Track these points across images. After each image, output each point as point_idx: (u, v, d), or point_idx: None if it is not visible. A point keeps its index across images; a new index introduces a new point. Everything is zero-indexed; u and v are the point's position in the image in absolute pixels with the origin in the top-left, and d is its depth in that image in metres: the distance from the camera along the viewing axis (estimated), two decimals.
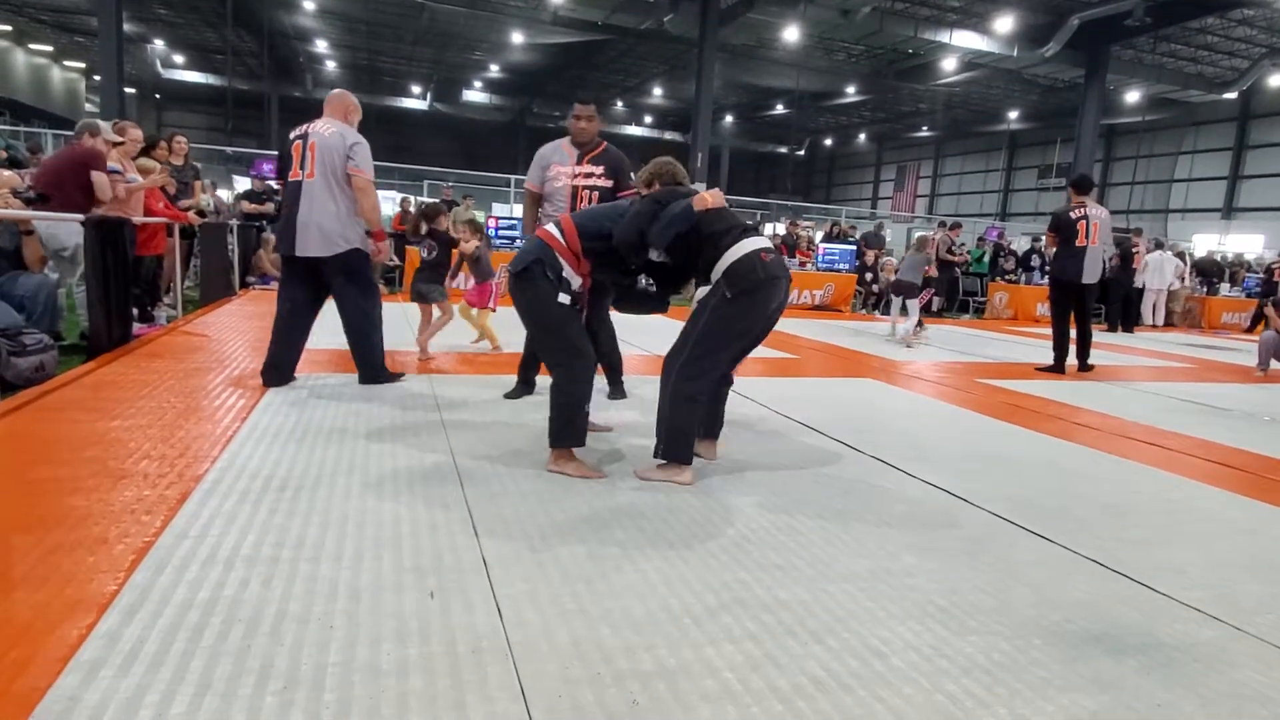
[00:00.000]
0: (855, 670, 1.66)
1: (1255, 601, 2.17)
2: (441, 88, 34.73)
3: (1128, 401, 5.45)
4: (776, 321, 2.95)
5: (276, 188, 11.48)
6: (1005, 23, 19.93)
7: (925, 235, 9.20)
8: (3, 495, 2.34)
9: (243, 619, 1.69)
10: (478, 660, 1.60)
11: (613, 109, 37.24)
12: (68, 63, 30.69)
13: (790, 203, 24.29)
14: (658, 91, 32.99)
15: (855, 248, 13.62)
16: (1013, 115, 31.47)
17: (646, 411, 2.89)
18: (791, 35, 20.77)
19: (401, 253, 9.99)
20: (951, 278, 12.86)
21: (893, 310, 8.48)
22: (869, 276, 12.94)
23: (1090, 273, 6.49)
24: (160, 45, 30.30)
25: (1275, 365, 7.46)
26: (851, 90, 29.10)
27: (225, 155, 17.79)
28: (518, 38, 24.57)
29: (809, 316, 11.00)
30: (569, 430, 2.86)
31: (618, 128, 37.95)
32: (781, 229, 16.89)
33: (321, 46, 29.87)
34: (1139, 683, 1.70)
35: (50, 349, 4.06)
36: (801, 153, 41.82)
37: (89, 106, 30.11)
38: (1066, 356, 6.64)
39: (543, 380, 4.32)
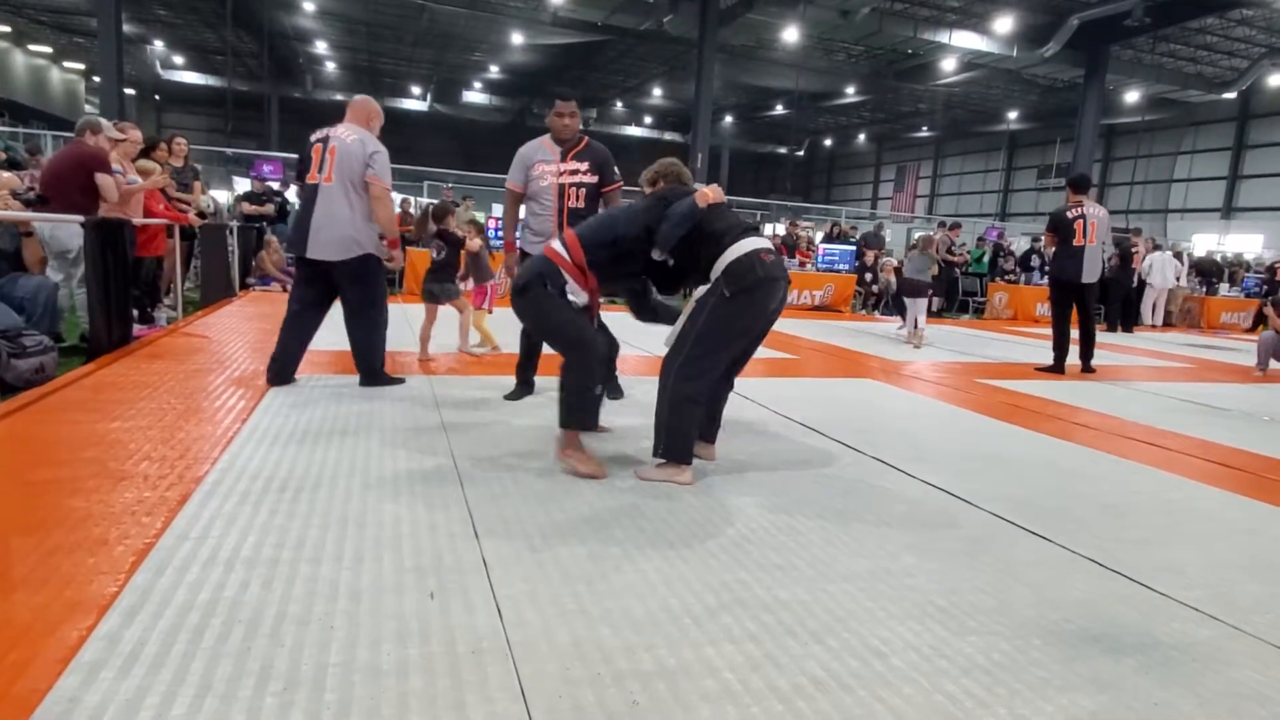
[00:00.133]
0: (855, 670, 1.67)
1: (1253, 601, 2.17)
2: (441, 89, 34.77)
3: (1127, 401, 5.45)
4: (775, 321, 2.96)
5: (276, 189, 11.51)
6: (1005, 23, 19.96)
7: (928, 235, 9.17)
8: (3, 497, 2.34)
9: (243, 620, 1.69)
10: (478, 660, 1.60)
11: (612, 110, 37.27)
12: (67, 64, 30.72)
13: (790, 203, 24.28)
14: (657, 92, 33.02)
15: (855, 248, 13.63)
16: (1012, 115, 31.50)
17: (645, 412, 2.89)
18: (791, 36, 20.79)
19: (402, 253, 9.98)
20: (951, 278, 12.87)
21: (909, 311, 8.43)
22: (869, 277, 12.95)
23: (1089, 272, 6.50)
24: (160, 46, 30.33)
25: (1275, 365, 7.47)
26: (851, 91, 29.13)
27: (225, 156, 17.77)
28: (517, 39, 24.60)
29: (809, 317, 11.00)
30: (578, 411, 2.85)
31: (617, 128, 37.97)
32: (781, 229, 16.89)
33: (321, 48, 29.90)
34: (1137, 682, 1.70)
35: (50, 350, 4.07)
36: (801, 153, 41.85)
37: (88, 108, 30.12)
38: (1066, 356, 6.64)
39: (542, 381, 4.34)
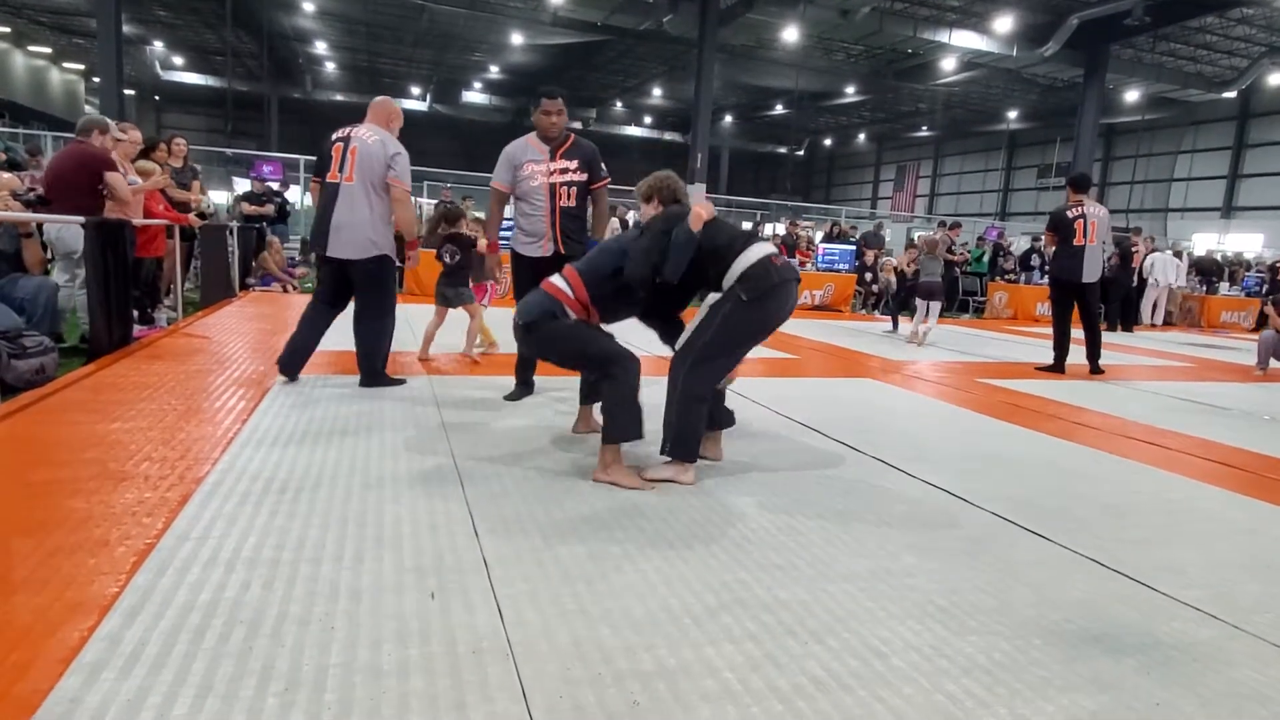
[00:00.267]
0: (855, 670, 1.67)
1: (1253, 601, 2.17)
2: (441, 89, 34.77)
3: (1127, 401, 5.46)
4: (785, 321, 2.99)
5: (276, 189, 11.51)
6: (1004, 22, 19.96)
7: (933, 238, 9.15)
8: (3, 498, 2.34)
9: (244, 621, 1.69)
10: (478, 661, 1.60)
11: (612, 110, 37.26)
12: (67, 64, 30.72)
13: (790, 203, 24.30)
14: (657, 92, 33.01)
15: (855, 248, 13.62)
16: (1012, 115, 31.50)
17: (646, 414, 2.88)
18: (791, 35, 20.79)
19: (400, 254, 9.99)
20: (951, 277, 12.86)
21: (924, 313, 8.44)
22: (869, 276, 12.95)
23: (1090, 272, 6.49)
24: (159, 47, 30.33)
25: (1275, 364, 7.47)
26: (851, 90, 29.14)
27: (225, 157, 17.77)
28: (517, 39, 24.60)
29: (809, 316, 11.00)
30: (622, 425, 2.82)
31: (617, 128, 37.96)
32: (781, 229, 16.90)
33: (321, 48, 29.91)
34: (1138, 682, 1.70)
35: (50, 351, 4.07)
36: (801, 153, 41.85)
37: (88, 108, 30.10)
38: (1066, 356, 6.64)
39: (542, 381, 4.33)
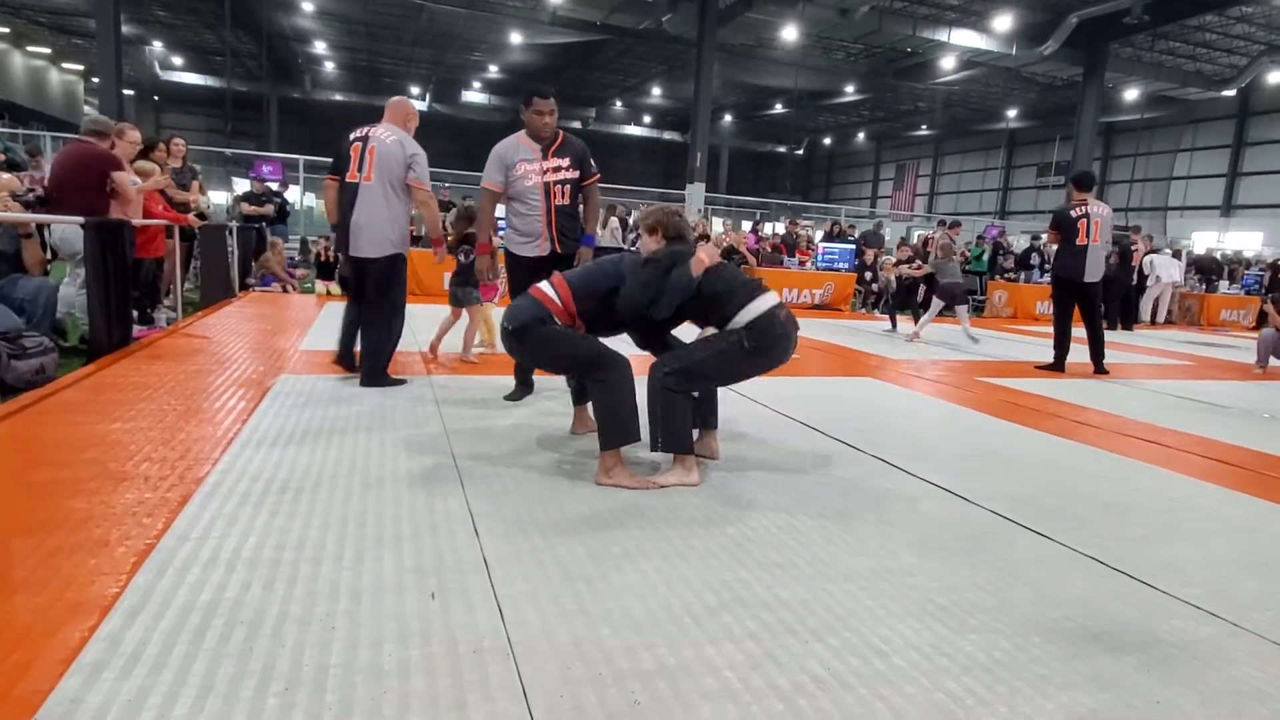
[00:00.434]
0: (856, 669, 1.67)
1: (1253, 598, 2.17)
2: (440, 88, 34.78)
3: (1127, 399, 5.46)
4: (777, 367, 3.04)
5: (275, 189, 11.50)
6: (1004, 21, 19.97)
7: (950, 244, 9.16)
8: (3, 498, 2.34)
9: (244, 621, 1.69)
10: (479, 660, 1.60)
11: (611, 109, 37.26)
12: (66, 65, 30.71)
13: (789, 202, 24.31)
14: (656, 91, 33.01)
15: (855, 247, 13.62)
16: (1011, 113, 31.50)
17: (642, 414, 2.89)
18: (790, 34, 20.80)
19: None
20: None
21: (933, 313, 8.46)
22: (868, 276, 12.95)
23: (1092, 271, 6.48)
24: (159, 47, 30.34)
25: (1274, 362, 7.47)
26: (850, 89, 29.14)
27: (224, 157, 17.77)
28: (516, 38, 24.61)
29: (809, 316, 10.99)
30: (617, 430, 2.81)
31: (616, 127, 37.97)
32: (781, 228, 16.90)
33: (320, 48, 29.91)
34: (1138, 680, 1.70)
35: (50, 352, 4.06)
36: (800, 152, 41.86)
37: (87, 109, 30.09)
38: (1066, 355, 6.65)
39: (541, 380, 4.33)
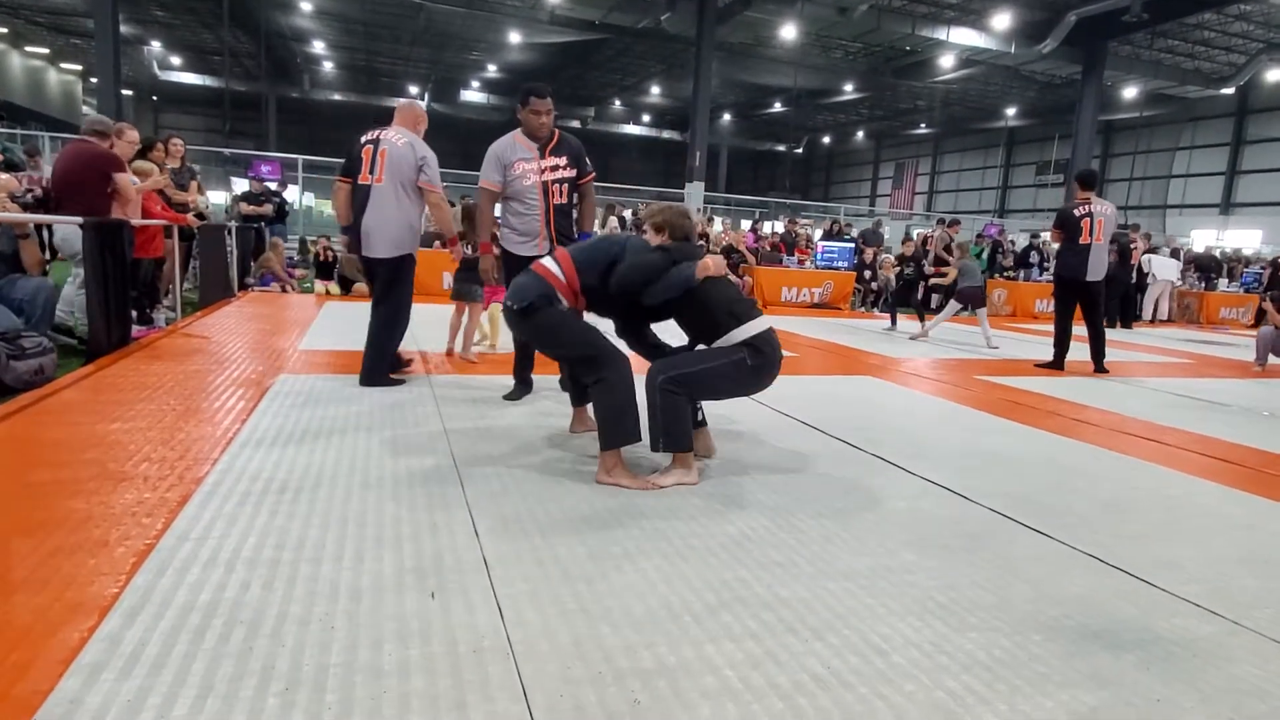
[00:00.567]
0: (856, 667, 1.67)
1: (1252, 596, 2.17)
2: (439, 88, 34.75)
3: (1127, 397, 5.46)
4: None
5: (274, 189, 11.49)
6: (1003, 19, 19.96)
7: (964, 243, 9.20)
8: (3, 498, 2.34)
9: (244, 621, 1.69)
10: (479, 660, 1.60)
11: (610, 108, 37.24)
12: (64, 65, 30.71)
13: (789, 201, 24.31)
14: (655, 90, 32.99)
15: (854, 245, 13.62)
16: (1010, 112, 31.50)
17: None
18: (789, 33, 20.79)
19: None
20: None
21: (949, 313, 8.49)
22: (867, 274, 12.95)
23: (1095, 270, 6.48)
24: (157, 47, 30.30)
25: (1274, 360, 7.47)
26: (849, 88, 29.13)
27: (223, 157, 17.76)
28: (515, 37, 24.59)
29: (808, 314, 11.00)
30: (618, 432, 2.81)
31: (615, 127, 37.94)
32: (780, 227, 16.88)
33: (319, 47, 29.89)
34: (1138, 678, 1.70)
35: (49, 352, 4.06)
36: (800, 151, 41.86)
37: (86, 109, 30.09)
38: (1066, 354, 6.65)
39: (540, 379, 4.33)
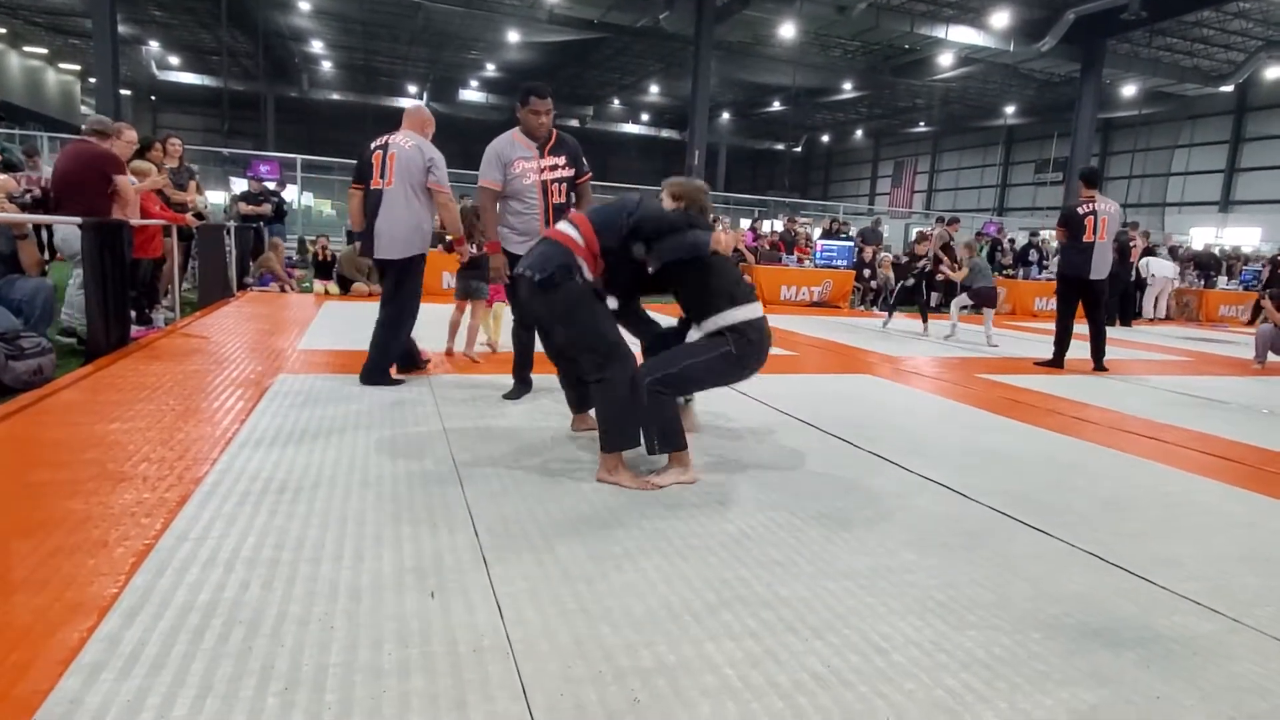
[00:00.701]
0: (856, 666, 1.67)
1: (1252, 594, 2.17)
2: (438, 87, 34.70)
3: (1126, 395, 5.46)
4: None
5: (273, 189, 11.48)
6: (1001, 17, 19.95)
7: (973, 241, 9.18)
8: (3, 498, 2.33)
9: (243, 621, 1.69)
10: (479, 660, 1.60)
11: (609, 107, 37.21)
12: (63, 65, 30.67)
13: (788, 199, 24.31)
14: (654, 89, 32.97)
15: (853, 244, 13.61)
16: (1009, 110, 31.48)
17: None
18: (787, 32, 20.77)
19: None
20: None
21: (956, 313, 8.50)
22: (867, 273, 12.95)
23: (1099, 268, 6.48)
24: (155, 47, 30.27)
25: (1273, 358, 7.47)
26: (848, 86, 29.10)
27: (221, 157, 17.76)
28: (514, 36, 24.57)
29: (807, 313, 10.99)
30: (619, 435, 2.78)
31: (614, 126, 37.91)
32: (779, 226, 16.88)
33: (317, 47, 29.85)
34: (1138, 676, 1.70)
35: (48, 352, 4.06)
36: (799, 149, 41.84)
37: (84, 109, 30.08)
38: (1066, 352, 6.65)
39: (540, 379, 4.33)
